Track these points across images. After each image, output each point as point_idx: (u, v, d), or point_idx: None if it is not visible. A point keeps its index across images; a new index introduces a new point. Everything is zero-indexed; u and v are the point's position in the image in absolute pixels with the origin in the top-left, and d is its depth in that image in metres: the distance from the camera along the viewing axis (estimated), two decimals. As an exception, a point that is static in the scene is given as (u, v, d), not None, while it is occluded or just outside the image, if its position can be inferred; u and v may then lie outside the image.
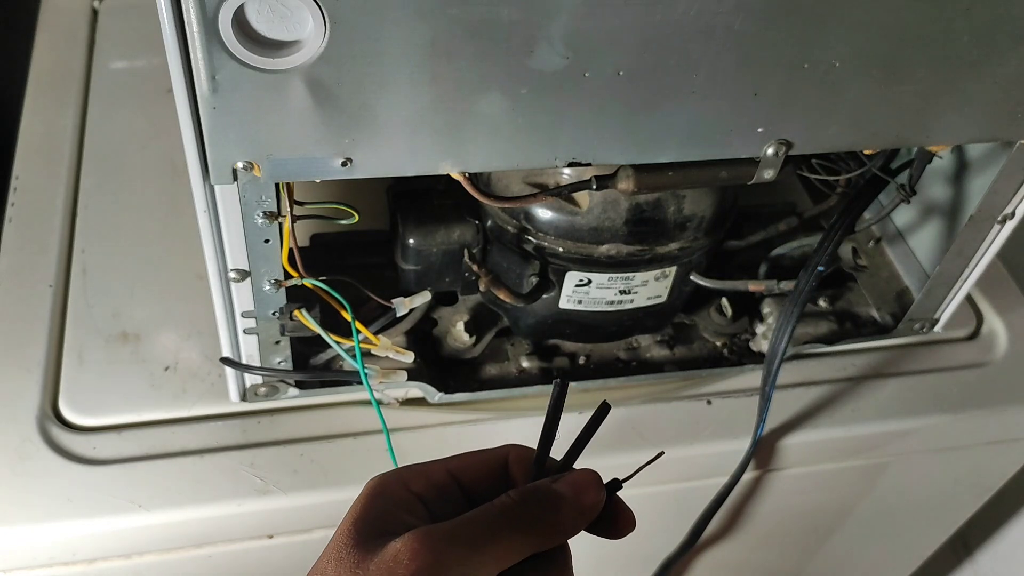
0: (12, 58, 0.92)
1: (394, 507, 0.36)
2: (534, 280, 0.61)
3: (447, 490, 0.38)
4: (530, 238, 0.59)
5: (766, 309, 0.70)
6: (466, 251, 0.61)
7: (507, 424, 0.65)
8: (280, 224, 0.49)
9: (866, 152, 0.62)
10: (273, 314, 0.55)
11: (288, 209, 0.49)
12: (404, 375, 0.60)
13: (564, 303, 0.62)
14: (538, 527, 0.35)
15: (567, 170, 0.55)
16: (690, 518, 0.70)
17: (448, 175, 0.48)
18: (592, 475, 0.37)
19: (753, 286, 0.67)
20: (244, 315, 0.55)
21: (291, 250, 0.51)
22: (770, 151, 0.49)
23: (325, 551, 0.36)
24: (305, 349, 0.61)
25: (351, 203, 0.52)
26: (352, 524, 0.35)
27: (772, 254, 0.70)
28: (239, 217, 0.48)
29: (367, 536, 0.35)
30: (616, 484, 0.38)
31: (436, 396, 0.64)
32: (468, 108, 0.43)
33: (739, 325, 0.70)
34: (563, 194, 0.55)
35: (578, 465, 0.39)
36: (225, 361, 0.58)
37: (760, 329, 0.70)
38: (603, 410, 0.39)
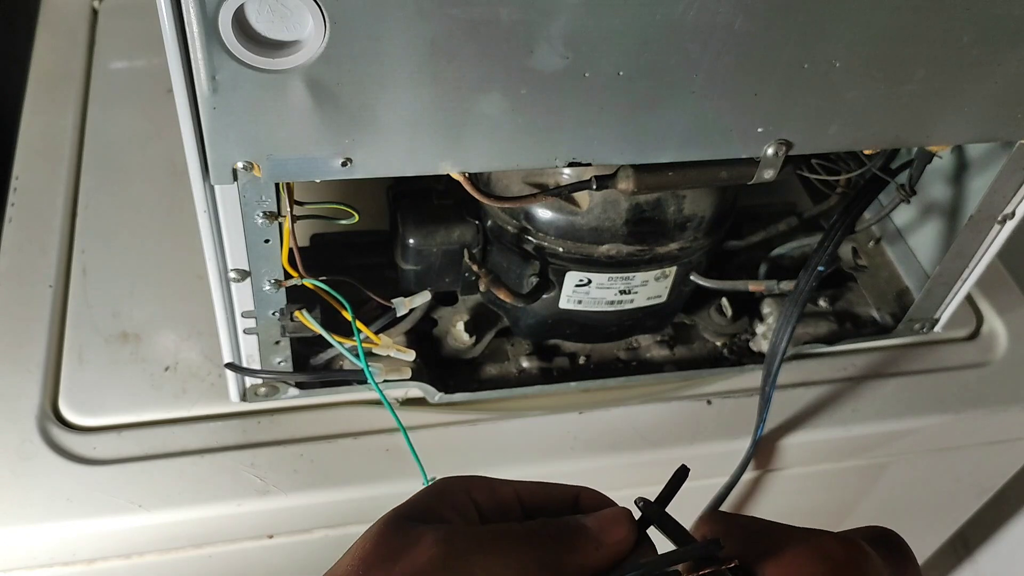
0: (12, 58, 0.92)
1: (446, 505, 0.37)
2: (534, 280, 0.61)
3: (509, 508, 0.38)
4: (530, 238, 0.59)
5: (766, 309, 0.70)
6: (466, 251, 0.61)
7: (507, 424, 0.65)
8: (280, 224, 0.49)
9: (866, 152, 0.62)
10: (273, 314, 0.55)
11: (288, 209, 0.49)
12: (409, 370, 0.60)
13: (564, 303, 0.62)
14: (558, 554, 0.35)
15: (567, 170, 0.55)
16: (690, 519, 0.70)
17: (448, 175, 0.48)
18: (621, 512, 0.37)
19: (753, 286, 0.67)
20: (244, 315, 0.55)
21: (291, 250, 0.51)
22: (770, 151, 0.49)
23: (367, 530, 0.36)
24: (305, 349, 0.61)
25: (351, 203, 0.52)
26: (399, 509, 0.36)
27: (772, 254, 0.70)
28: (239, 217, 0.48)
29: (409, 520, 0.35)
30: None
31: (436, 396, 0.64)
32: (468, 108, 0.43)
33: (739, 325, 0.70)
34: (563, 194, 0.55)
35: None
36: (230, 367, 0.58)
37: (760, 329, 0.70)
38: (681, 474, 0.38)
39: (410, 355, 0.59)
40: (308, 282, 0.53)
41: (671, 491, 0.38)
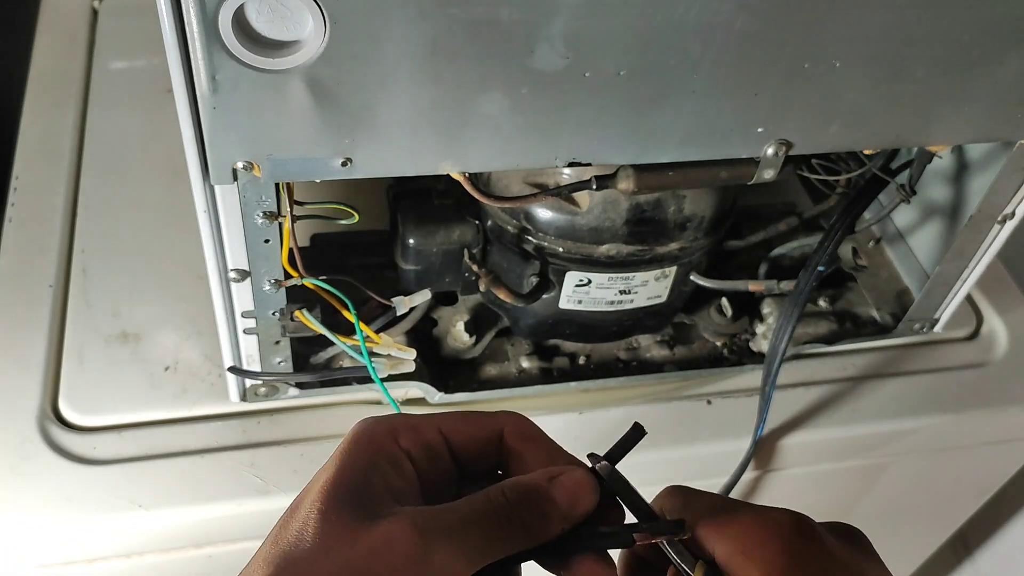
0: (12, 58, 0.92)
1: (383, 462, 0.36)
2: (534, 280, 0.61)
3: (436, 450, 0.37)
4: (530, 238, 0.59)
5: (766, 309, 0.70)
6: (466, 251, 0.61)
7: (507, 424, 0.65)
8: (280, 224, 0.49)
9: (866, 152, 0.62)
10: (273, 314, 0.55)
11: (288, 209, 0.49)
12: (412, 364, 0.60)
13: (564, 303, 0.62)
14: (525, 529, 0.35)
15: (567, 170, 0.55)
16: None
17: (448, 175, 0.48)
18: (586, 481, 0.37)
19: (753, 286, 0.67)
20: (244, 315, 0.55)
21: (291, 250, 0.51)
22: (770, 151, 0.49)
23: (306, 498, 0.35)
24: (304, 349, 0.61)
25: (351, 203, 0.52)
26: (339, 474, 0.35)
27: (772, 254, 0.70)
28: (239, 217, 0.48)
29: (356, 497, 0.34)
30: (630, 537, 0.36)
31: (436, 396, 0.64)
32: (468, 108, 0.43)
33: (739, 325, 0.70)
34: (563, 194, 0.55)
35: None
36: (233, 370, 0.58)
37: (760, 329, 0.70)
38: (636, 432, 0.38)
39: (411, 354, 0.59)
40: (308, 282, 0.53)
41: (623, 449, 0.38)
